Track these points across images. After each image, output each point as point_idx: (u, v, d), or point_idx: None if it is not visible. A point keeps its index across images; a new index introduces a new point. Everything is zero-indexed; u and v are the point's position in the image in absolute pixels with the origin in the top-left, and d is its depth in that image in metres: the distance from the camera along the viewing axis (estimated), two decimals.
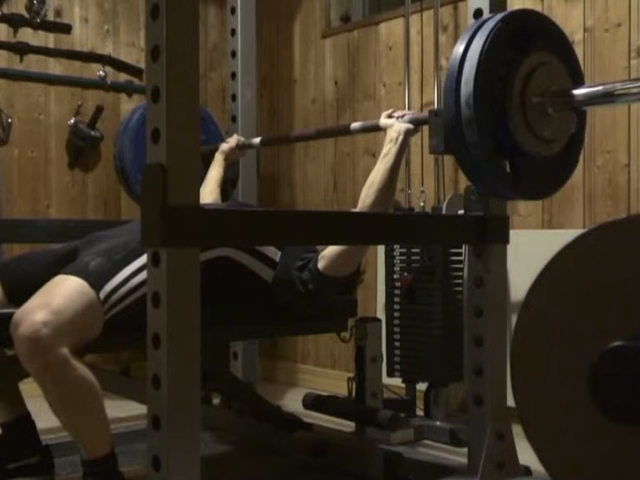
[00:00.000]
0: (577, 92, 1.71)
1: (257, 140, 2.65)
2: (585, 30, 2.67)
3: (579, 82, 1.80)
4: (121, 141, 3.03)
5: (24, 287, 1.79)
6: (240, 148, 2.67)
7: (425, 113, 2.03)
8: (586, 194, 2.66)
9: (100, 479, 1.72)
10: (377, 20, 3.41)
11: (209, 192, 2.56)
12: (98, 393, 1.68)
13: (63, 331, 1.61)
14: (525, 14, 1.80)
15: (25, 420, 2.05)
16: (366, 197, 1.98)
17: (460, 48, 1.69)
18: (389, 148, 2.02)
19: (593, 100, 1.71)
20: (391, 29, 3.32)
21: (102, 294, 1.70)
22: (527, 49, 1.72)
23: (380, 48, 3.37)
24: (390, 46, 3.32)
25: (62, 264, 1.82)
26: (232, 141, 2.67)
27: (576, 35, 2.67)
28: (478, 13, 1.96)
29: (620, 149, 2.59)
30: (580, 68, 1.85)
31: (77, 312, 1.65)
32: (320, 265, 1.99)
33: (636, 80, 1.74)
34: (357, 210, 1.98)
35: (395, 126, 2.04)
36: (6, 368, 1.93)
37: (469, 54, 1.67)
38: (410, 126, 2.04)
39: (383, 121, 2.11)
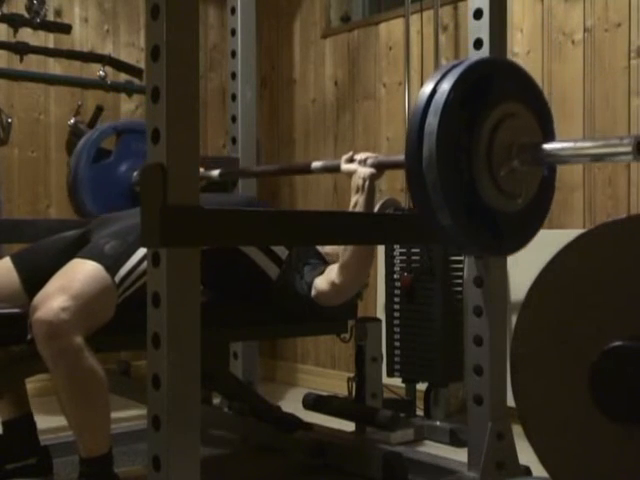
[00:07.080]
0: (547, 147, 1.59)
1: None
2: (585, 30, 2.67)
3: (550, 135, 1.68)
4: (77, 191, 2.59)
5: (40, 275, 1.79)
6: None
7: (390, 157, 1.98)
8: (586, 194, 2.66)
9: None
10: (377, 20, 3.41)
11: None
12: (105, 388, 1.70)
13: (81, 317, 1.63)
14: (493, 63, 1.70)
15: (27, 419, 2.05)
16: (345, 249, 1.96)
17: (424, 97, 1.54)
18: (357, 198, 1.95)
19: (561, 158, 1.60)
20: (391, 29, 3.32)
21: (117, 278, 1.73)
22: (494, 100, 1.58)
23: (380, 48, 3.37)
24: (390, 46, 3.32)
25: (76, 248, 1.84)
26: None
27: (576, 35, 2.67)
28: (478, 13, 1.95)
29: None
30: (552, 119, 1.71)
31: (94, 297, 1.68)
32: (313, 293, 2.03)
33: (606, 139, 1.55)
34: (339, 266, 1.97)
35: (359, 172, 1.97)
36: (13, 365, 1.93)
37: (433, 102, 1.53)
38: (373, 171, 1.96)
39: (344, 166, 2.04)
